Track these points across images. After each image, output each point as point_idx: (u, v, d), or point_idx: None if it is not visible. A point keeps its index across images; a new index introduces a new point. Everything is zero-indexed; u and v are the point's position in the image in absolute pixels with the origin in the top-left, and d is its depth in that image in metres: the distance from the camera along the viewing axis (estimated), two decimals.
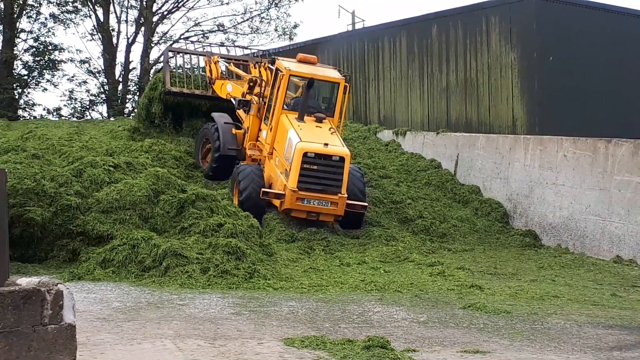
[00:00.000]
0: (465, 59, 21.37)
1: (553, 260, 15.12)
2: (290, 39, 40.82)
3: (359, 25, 32.88)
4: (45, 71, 39.88)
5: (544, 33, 19.92)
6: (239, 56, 23.02)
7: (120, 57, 40.44)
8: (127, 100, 40.30)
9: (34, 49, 39.65)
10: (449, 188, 19.28)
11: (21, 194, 12.34)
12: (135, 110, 29.88)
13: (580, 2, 20.83)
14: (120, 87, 40.26)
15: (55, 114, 39.36)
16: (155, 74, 27.57)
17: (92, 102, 41.13)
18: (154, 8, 40.25)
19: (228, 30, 42.09)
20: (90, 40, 44.18)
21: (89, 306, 9.29)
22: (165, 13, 41.17)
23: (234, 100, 18.45)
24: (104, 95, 40.67)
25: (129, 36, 40.77)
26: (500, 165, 18.64)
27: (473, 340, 8.36)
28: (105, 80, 40.34)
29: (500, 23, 20.43)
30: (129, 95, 40.43)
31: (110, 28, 39.68)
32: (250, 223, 12.91)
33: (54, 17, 40.13)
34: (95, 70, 41.08)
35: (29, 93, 40.20)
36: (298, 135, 15.75)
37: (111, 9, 39.85)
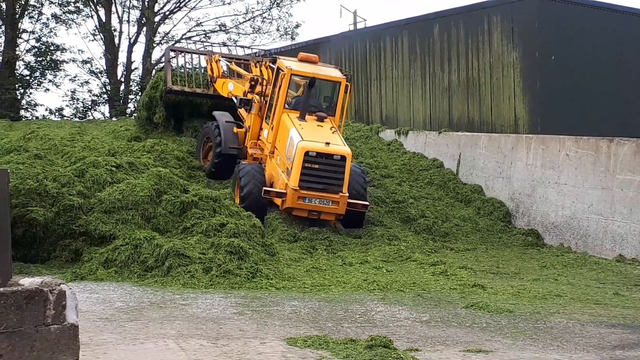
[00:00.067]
0: (467, 58, 21.36)
1: (555, 259, 15.10)
2: (292, 38, 40.90)
3: (360, 25, 32.85)
4: (47, 71, 39.94)
5: (546, 32, 19.90)
6: (240, 56, 23.02)
7: (122, 57, 40.58)
8: (129, 100, 40.35)
9: (36, 50, 39.72)
10: (451, 187, 19.26)
11: (24, 194, 12.33)
12: (136, 112, 29.87)
13: (581, 1, 20.80)
14: (122, 87, 40.32)
15: (57, 114, 39.47)
16: (156, 73, 27.56)
17: (94, 103, 41.21)
18: (156, 8, 40.33)
19: (230, 30, 42.16)
20: (92, 40, 44.39)
21: (91, 306, 9.29)
22: (167, 13, 41.28)
23: (235, 99, 18.45)
24: (106, 96, 40.73)
25: (131, 36, 40.90)
26: (503, 164, 18.62)
27: (476, 339, 8.35)
28: (107, 81, 40.40)
29: (502, 22, 20.41)
30: (131, 96, 40.49)
31: (112, 28, 39.75)
32: (252, 223, 12.91)
33: (55, 18, 40.22)
34: (97, 71, 41.20)
35: (31, 93, 40.34)
36: (299, 134, 15.75)
37: (113, 9, 39.95)
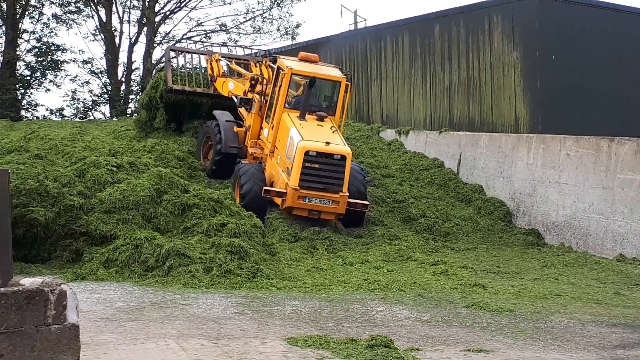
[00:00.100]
0: (467, 58, 21.35)
1: (556, 258, 15.10)
2: (293, 38, 40.90)
3: (361, 25, 32.86)
4: (47, 72, 39.95)
5: (546, 32, 19.89)
6: (240, 55, 23.02)
7: (123, 58, 40.59)
8: (130, 100, 40.36)
9: (37, 50, 39.73)
10: (452, 187, 19.25)
11: (24, 194, 12.34)
12: (136, 114, 29.89)
13: (581, 1, 20.79)
14: (123, 88, 40.32)
15: (58, 114, 39.47)
16: (157, 73, 27.58)
17: (95, 103, 41.21)
18: (156, 8, 40.33)
19: (230, 30, 42.16)
20: (93, 40, 44.37)
21: (92, 306, 9.29)
22: (168, 13, 41.28)
23: (235, 98, 18.45)
24: (106, 96, 40.72)
25: (132, 36, 40.91)
26: (503, 164, 18.62)
27: (476, 339, 8.35)
28: (108, 81, 40.40)
29: (503, 22, 20.40)
30: (132, 96, 40.51)
31: (113, 28, 39.75)
32: (253, 223, 12.91)
33: (56, 18, 40.24)
34: (98, 71, 41.20)
35: (31, 93, 40.37)
36: (300, 133, 15.75)
37: (113, 9, 39.96)
